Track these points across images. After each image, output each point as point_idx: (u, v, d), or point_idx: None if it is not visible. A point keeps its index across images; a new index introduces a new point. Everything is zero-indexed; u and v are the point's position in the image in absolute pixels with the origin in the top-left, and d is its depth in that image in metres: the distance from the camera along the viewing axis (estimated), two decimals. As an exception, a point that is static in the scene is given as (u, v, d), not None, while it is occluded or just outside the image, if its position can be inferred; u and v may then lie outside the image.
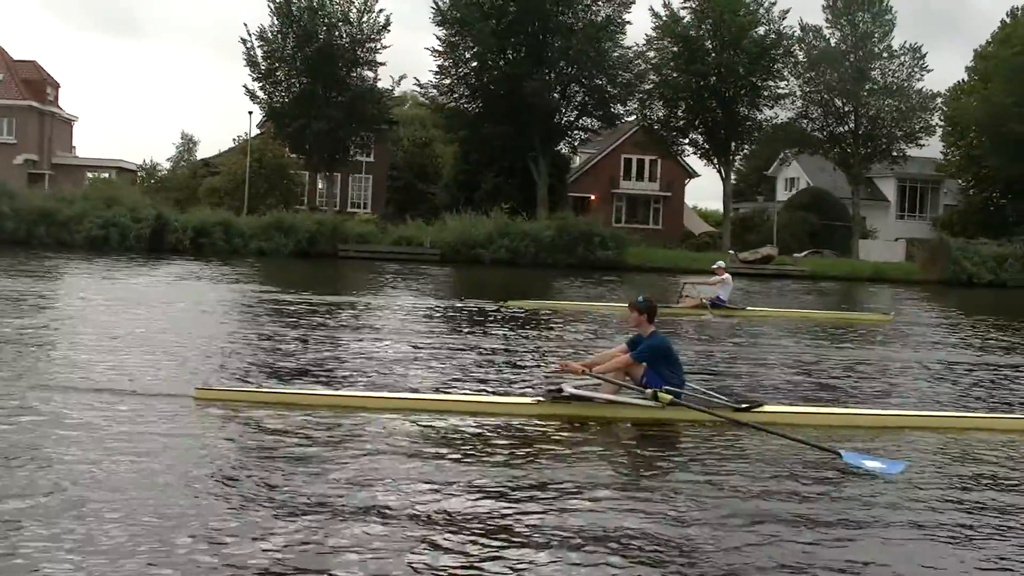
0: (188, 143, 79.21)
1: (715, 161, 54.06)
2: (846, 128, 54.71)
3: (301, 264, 37.02)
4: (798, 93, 54.57)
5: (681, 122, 53.70)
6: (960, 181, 63.52)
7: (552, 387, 8.58)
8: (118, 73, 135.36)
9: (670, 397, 8.07)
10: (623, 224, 64.49)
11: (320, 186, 57.58)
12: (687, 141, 54.24)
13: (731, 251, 46.63)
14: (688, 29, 52.21)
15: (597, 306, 21.32)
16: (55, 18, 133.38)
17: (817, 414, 8.80)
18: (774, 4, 52.66)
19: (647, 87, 52.94)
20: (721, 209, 61.28)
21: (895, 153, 54.82)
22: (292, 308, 18.16)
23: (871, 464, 6.79)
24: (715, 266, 21.45)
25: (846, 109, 54.29)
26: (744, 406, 8.41)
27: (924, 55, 54.26)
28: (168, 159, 77.01)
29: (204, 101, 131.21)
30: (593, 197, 64.79)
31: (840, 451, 7.00)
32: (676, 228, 64.89)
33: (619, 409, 8.33)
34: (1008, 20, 61.18)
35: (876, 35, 53.86)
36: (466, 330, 16.17)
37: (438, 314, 19.20)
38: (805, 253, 54.62)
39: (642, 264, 42.32)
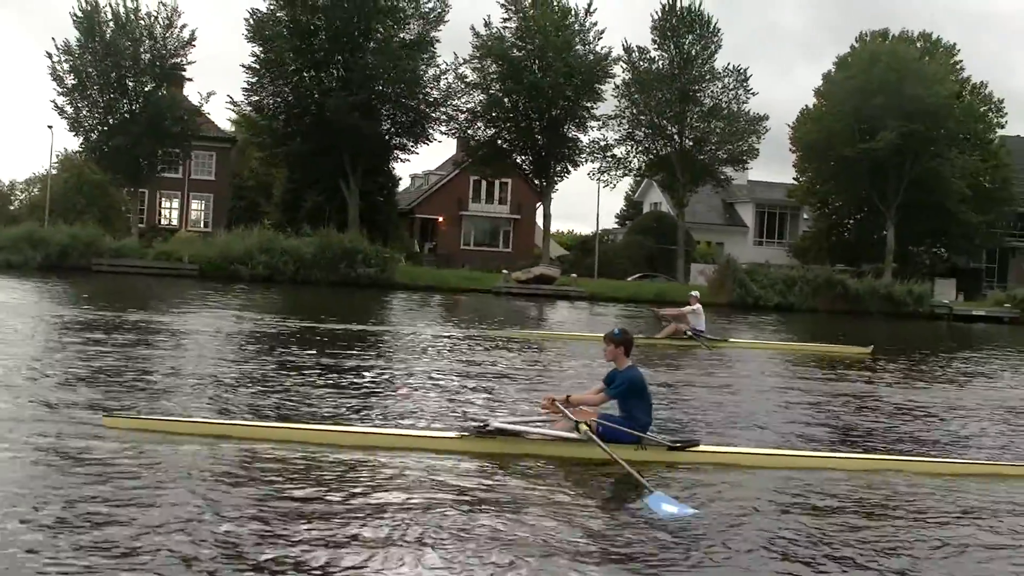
0: None
1: (537, 183, 53.39)
2: (672, 151, 54.11)
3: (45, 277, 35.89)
4: (625, 115, 54.04)
5: (505, 143, 52.98)
6: (808, 207, 63.04)
7: (478, 422, 8.24)
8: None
9: (586, 428, 7.72)
10: (471, 247, 64.04)
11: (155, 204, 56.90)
12: (509, 162, 53.38)
13: (504, 271, 45.83)
14: (510, 49, 51.63)
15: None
16: None
17: (752, 455, 8.46)
18: (595, 24, 52.33)
19: (469, 107, 52.32)
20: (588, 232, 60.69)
21: (720, 176, 54.20)
22: None
23: (668, 509, 6.49)
24: (690, 295, 21.32)
25: (671, 131, 53.74)
26: (678, 445, 8.07)
27: (748, 77, 53.88)
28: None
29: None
30: (441, 219, 64.20)
31: (651, 493, 6.71)
32: (527, 250, 64.26)
33: (547, 446, 7.84)
34: (856, 44, 60.85)
35: (701, 57, 53.43)
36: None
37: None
38: (634, 277, 53.88)
39: (411, 283, 41.46)
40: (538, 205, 66.72)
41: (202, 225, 60.36)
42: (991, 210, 58.38)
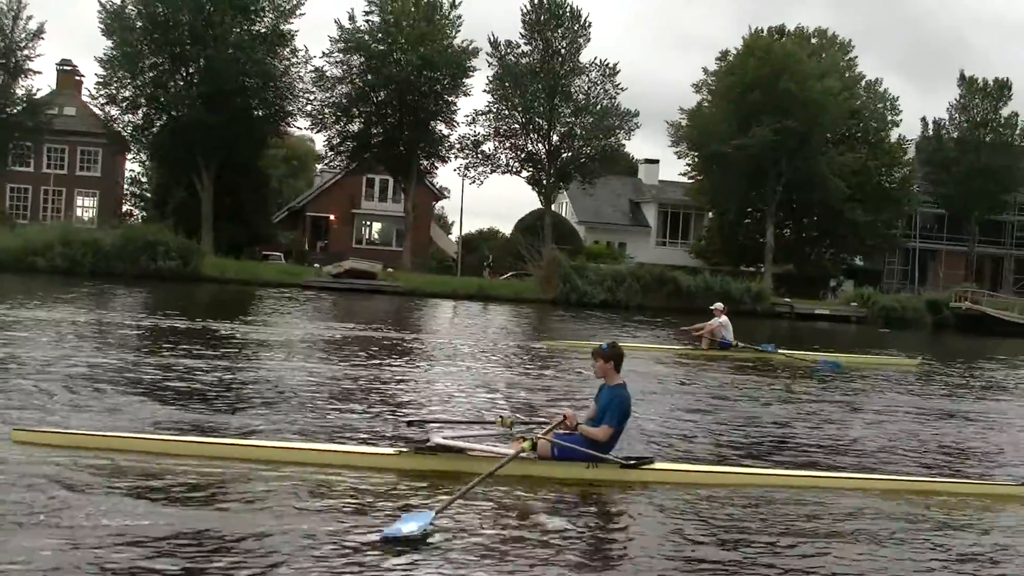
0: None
1: (399, 179, 52.64)
2: (540, 147, 53.10)
3: None
4: (493, 110, 53.14)
5: (369, 138, 52.24)
6: (704, 207, 61.67)
7: (419, 438, 7.87)
8: None
9: (531, 444, 7.26)
10: (364, 245, 63.34)
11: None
12: (368, 156, 52.61)
13: (316, 264, 45.06)
14: (371, 43, 50.90)
15: None
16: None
17: (711, 473, 8.01)
18: (460, 18, 51.54)
19: (334, 102, 51.61)
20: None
21: (586, 172, 53.13)
22: None
23: (407, 526, 5.79)
24: (713, 307, 20.71)
25: (539, 124, 52.68)
26: (632, 463, 7.61)
27: (616, 72, 52.75)
28: None
29: None
30: (332, 217, 63.58)
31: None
32: (422, 249, 63.40)
33: (491, 463, 7.26)
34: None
35: (569, 51, 52.41)
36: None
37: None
38: (508, 275, 52.88)
39: (219, 276, 40.82)
40: (434, 204, 66.36)
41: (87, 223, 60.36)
42: (885, 210, 56.77)
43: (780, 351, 20.19)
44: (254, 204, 53.80)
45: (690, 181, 62.63)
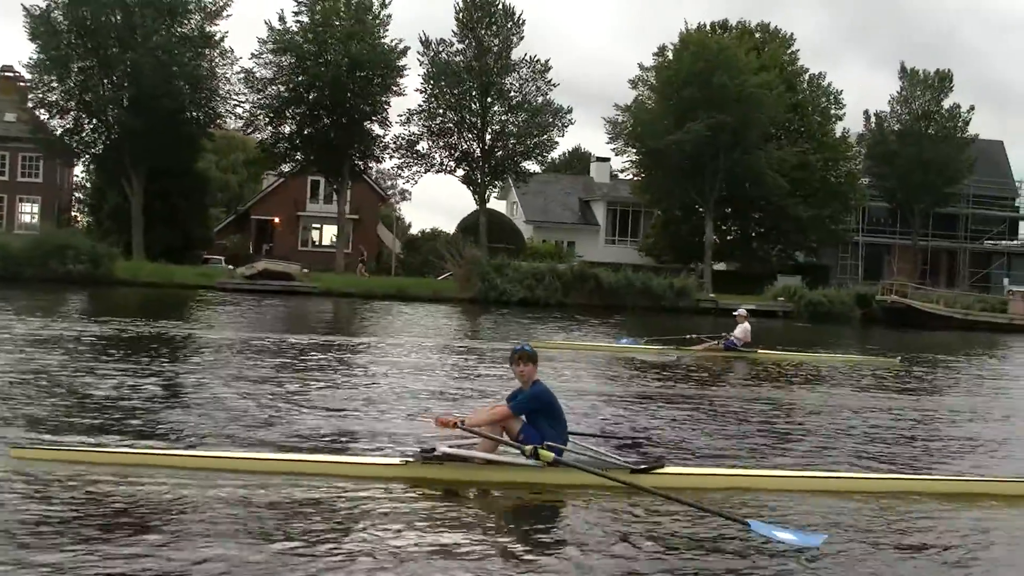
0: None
1: (330, 180, 52.34)
2: (474, 145, 52.77)
3: None
4: (427, 109, 52.79)
5: (297, 139, 51.95)
6: (648, 204, 61.21)
7: (425, 446, 7.58)
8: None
9: (552, 455, 7.04)
10: (310, 247, 63.06)
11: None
12: (300, 158, 52.31)
13: (230, 267, 44.75)
14: (303, 42, 50.55)
15: None
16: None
17: (726, 476, 7.85)
18: (389, 17, 51.26)
19: (265, 103, 51.29)
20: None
21: (518, 170, 52.81)
22: None
23: (784, 536, 5.96)
24: (736, 313, 21.70)
25: (473, 123, 52.32)
26: (642, 467, 7.44)
27: (549, 68, 52.46)
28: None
29: None
30: (276, 220, 63.29)
31: (748, 521, 6.15)
32: (369, 251, 63.10)
33: (499, 471, 7.26)
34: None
35: (501, 48, 52.07)
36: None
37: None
38: (445, 275, 52.48)
39: (132, 279, 40.50)
40: (380, 205, 66.06)
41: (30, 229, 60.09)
42: (830, 205, 56.31)
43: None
44: (190, 208, 53.50)
45: (632, 179, 62.27)
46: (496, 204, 72.39)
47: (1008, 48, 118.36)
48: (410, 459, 7.32)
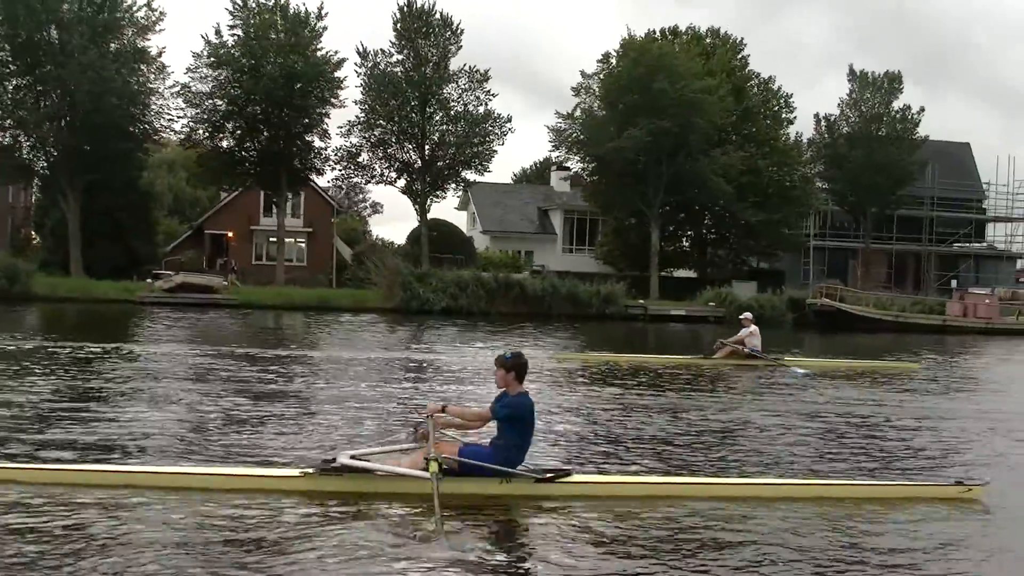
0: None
1: (269, 194, 52.19)
2: (413, 156, 52.51)
3: None
4: (366, 120, 52.57)
5: (237, 153, 51.86)
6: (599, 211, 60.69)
7: (325, 457, 7.60)
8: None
9: (437, 466, 6.98)
10: (264, 261, 62.87)
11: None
12: (239, 172, 52.22)
13: (148, 280, 44.55)
14: (240, 55, 50.47)
15: None
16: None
17: (633, 483, 7.86)
18: (325, 28, 51.18)
19: (203, 116, 51.21)
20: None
21: (458, 179, 52.55)
22: None
23: None
24: (742, 317, 21.37)
25: (412, 133, 52.03)
26: (548, 476, 7.49)
27: (488, 78, 52.15)
28: None
29: None
30: (230, 234, 63.16)
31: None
32: (323, 264, 62.95)
33: (399, 483, 7.18)
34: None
35: (439, 58, 51.82)
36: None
37: None
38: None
39: (51, 294, 40.40)
40: (332, 219, 65.81)
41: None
42: (782, 209, 55.61)
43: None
44: (134, 224, 53.44)
45: (580, 187, 61.80)
46: (457, 215, 72.43)
47: (1017, 56, 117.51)
48: (309, 471, 7.18)
